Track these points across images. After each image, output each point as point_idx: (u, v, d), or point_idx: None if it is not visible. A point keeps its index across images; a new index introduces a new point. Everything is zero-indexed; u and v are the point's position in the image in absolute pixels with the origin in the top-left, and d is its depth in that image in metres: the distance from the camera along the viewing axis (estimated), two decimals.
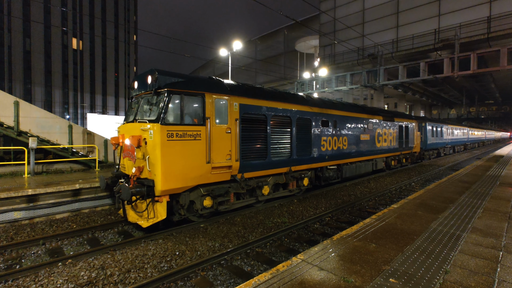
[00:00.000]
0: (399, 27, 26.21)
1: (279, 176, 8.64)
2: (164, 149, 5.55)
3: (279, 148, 8.30)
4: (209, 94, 6.43)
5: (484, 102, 53.03)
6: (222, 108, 6.72)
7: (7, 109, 10.49)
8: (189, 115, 6.18)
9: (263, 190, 8.20)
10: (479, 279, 3.32)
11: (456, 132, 30.01)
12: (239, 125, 7.04)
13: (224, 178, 6.81)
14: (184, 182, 5.95)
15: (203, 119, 6.29)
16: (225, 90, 6.85)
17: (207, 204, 6.72)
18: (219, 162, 6.55)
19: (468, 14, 21.89)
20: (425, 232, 4.84)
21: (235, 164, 6.92)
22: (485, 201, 7.01)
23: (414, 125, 18.11)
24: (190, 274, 4.60)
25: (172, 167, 5.68)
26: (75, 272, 4.51)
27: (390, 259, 3.82)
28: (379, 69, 22.26)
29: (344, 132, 11.19)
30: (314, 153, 9.60)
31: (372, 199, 9.86)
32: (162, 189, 5.58)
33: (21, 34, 47.16)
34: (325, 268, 3.53)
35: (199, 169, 6.16)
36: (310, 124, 9.49)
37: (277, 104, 8.26)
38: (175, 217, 6.50)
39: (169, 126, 5.66)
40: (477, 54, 17.71)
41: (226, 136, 6.72)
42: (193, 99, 6.22)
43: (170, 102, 5.85)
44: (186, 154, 5.89)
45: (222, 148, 6.62)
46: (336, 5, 31.64)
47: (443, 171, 16.80)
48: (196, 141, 6.08)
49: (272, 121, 8.06)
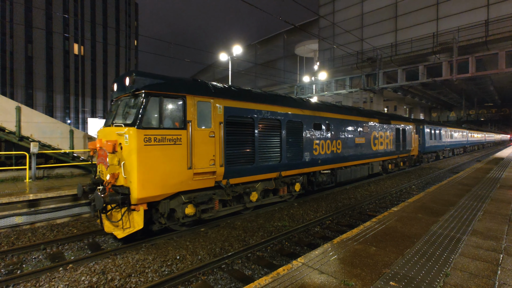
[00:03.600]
0: (397, 31, 26.38)
1: (268, 182, 8.32)
2: (140, 155, 5.25)
3: (268, 153, 8.00)
4: (191, 96, 6.14)
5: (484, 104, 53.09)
6: (205, 111, 6.41)
7: (9, 114, 10.56)
8: (169, 119, 5.87)
9: (251, 197, 7.86)
10: (479, 282, 3.33)
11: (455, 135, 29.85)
12: (224, 129, 6.74)
13: (208, 185, 6.49)
14: (163, 190, 5.64)
15: (184, 122, 5.97)
16: (209, 92, 6.56)
17: (189, 212, 6.36)
18: (201, 167, 6.22)
19: (466, 18, 22.05)
20: (426, 235, 4.85)
21: (220, 169, 6.61)
22: (485, 204, 7.02)
23: (411, 128, 17.89)
24: (191, 278, 4.60)
25: (149, 174, 5.38)
26: (76, 277, 4.52)
27: (391, 262, 3.83)
28: (378, 73, 22.37)
29: (338, 135, 10.90)
30: (305, 158, 9.30)
31: (372, 202, 9.86)
32: (139, 197, 5.26)
33: (23, 40, 47.55)
34: (325, 272, 3.54)
35: (179, 176, 5.84)
36: (301, 127, 9.18)
37: (265, 107, 7.96)
38: (155, 226, 6.17)
39: (146, 130, 5.38)
40: (476, 57, 17.80)
41: (210, 140, 6.41)
42: (173, 102, 5.92)
43: (148, 105, 5.56)
44: (165, 159, 5.58)
45: (205, 153, 6.30)
46: (335, 9, 31.89)
47: (443, 174, 16.79)
48: (177, 145, 5.78)
49: (259, 124, 7.76)
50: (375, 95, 26.27)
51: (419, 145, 19.96)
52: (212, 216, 6.87)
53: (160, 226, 6.18)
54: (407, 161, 17.80)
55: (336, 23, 30.23)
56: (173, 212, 6.27)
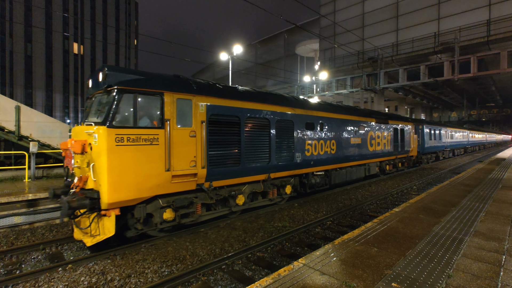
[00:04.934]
0: (399, 30, 26.32)
1: (256, 184, 7.93)
2: (111, 156, 4.89)
3: (256, 154, 7.61)
4: (170, 93, 5.78)
5: (485, 104, 53.02)
6: (186, 109, 6.05)
7: (8, 114, 10.54)
8: (144, 117, 5.53)
9: (238, 200, 7.49)
10: (482, 283, 3.29)
11: (456, 135, 29.58)
12: (206, 128, 6.37)
13: (188, 188, 6.14)
14: (138, 193, 5.28)
15: (162, 121, 5.62)
16: (190, 89, 6.20)
17: (168, 217, 6.02)
18: (181, 169, 5.85)
19: (468, 17, 21.98)
20: (427, 236, 4.81)
21: (201, 171, 6.23)
22: (487, 205, 6.98)
23: (410, 128, 17.57)
24: (191, 279, 4.57)
25: (121, 176, 5.02)
26: (75, 278, 4.49)
27: (392, 263, 3.79)
28: (379, 73, 22.31)
29: (332, 135, 10.50)
30: (297, 158, 8.90)
31: (373, 202, 9.83)
32: (109, 201, 4.91)
33: (22, 39, 47.55)
34: (326, 273, 3.51)
35: (156, 178, 5.48)
36: (292, 127, 8.78)
37: (252, 105, 7.58)
38: (130, 232, 5.76)
39: (118, 129, 5.03)
40: (477, 57, 17.73)
41: (190, 141, 6.05)
42: (150, 99, 5.56)
43: (121, 102, 5.20)
44: (140, 161, 5.23)
45: (185, 154, 5.94)
46: (336, 9, 31.83)
47: (444, 175, 16.74)
48: (153, 146, 5.42)
49: (246, 123, 7.39)
50: (376, 95, 26.22)
51: (418, 146, 19.70)
52: (195, 221, 6.55)
53: (136, 232, 5.80)
54: (405, 162, 17.52)
55: (337, 22, 30.17)
56: (151, 217, 5.92)
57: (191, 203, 6.33)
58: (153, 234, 6.10)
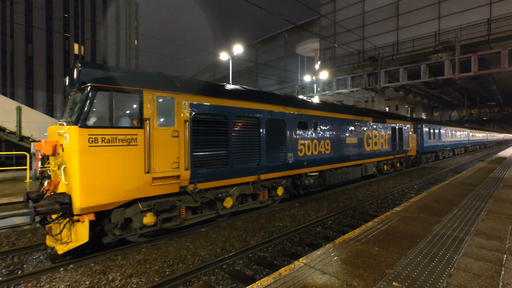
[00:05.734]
0: (399, 29, 26.29)
1: (245, 186, 7.63)
2: (84, 157, 4.61)
3: (244, 154, 7.30)
4: (149, 91, 5.51)
5: (486, 103, 52.96)
6: (167, 107, 5.76)
7: (10, 115, 10.57)
8: (121, 116, 5.25)
9: (225, 203, 7.18)
10: (483, 282, 3.29)
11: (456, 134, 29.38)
12: (190, 128, 6.08)
13: (171, 190, 5.85)
14: (115, 197, 5.01)
15: (141, 120, 5.34)
16: (172, 87, 5.91)
17: (149, 221, 5.71)
18: (162, 171, 5.57)
19: (468, 16, 21.94)
20: (428, 235, 4.81)
21: (185, 173, 5.95)
22: (488, 204, 6.97)
23: (409, 127, 17.26)
24: (192, 279, 4.58)
25: (95, 179, 4.74)
26: (76, 278, 4.50)
27: (393, 262, 3.79)
28: (380, 72, 22.29)
29: (326, 135, 10.20)
30: (289, 159, 8.59)
31: (374, 202, 9.82)
32: (82, 206, 4.63)
33: (23, 40, 47.63)
34: (327, 272, 3.51)
35: (135, 181, 5.20)
36: (284, 126, 8.48)
37: (241, 104, 7.27)
38: (107, 238, 5.49)
39: (91, 129, 4.74)
40: (478, 56, 17.70)
41: (172, 141, 5.75)
42: (127, 97, 5.28)
43: (95, 100, 4.92)
44: (116, 162, 4.96)
45: (167, 155, 5.65)
46: (336, 8, 31.81)
47: (445, 174, 16.72)
48: (131, 147, 5.14)
49: (234, 123, 7.08)
50: (376, 94, 26.20)
51: (417, 145, 19.47)
52: (179, 225, 6.30)
53: (114, 238, 5.52)
54: (404, 161, 17.27)
55: (337, 22, 30.16)
56: (130, 221, 5.64)
57: (173, 206, 6.05)
58: (133, 239, 5.80)
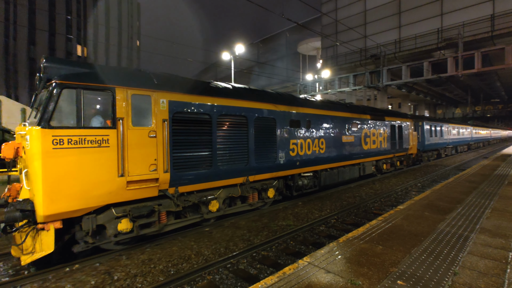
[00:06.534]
0: (401, 27, 26.15)
1: (232, 188, 7.25)
2: (47, 161, 4.27)
3: (231, 155, 6.93)
4: (123, 88, 5.16)
5: (490, 100, 52.56)
6: (143, 106, 5.44)
7: (14, 117, 10.67)
8: (91, 116, 4.91)
9: (211, 206, 6.80)
10: (488, 281, 3.28)
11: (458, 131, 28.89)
12: (169, 128, 5.74)
13: (149, 194, 5.51)
14: (83, 203, 4.66)
15: (113, 120, 5.01)
16: (148, 84, 5.57)
17: (124, 228, 5.34)
18: (138, 174, 5.23)
19: (471, 13, 21.77)
20: (433, 234, 4.79)
21: (164, 176, 5.62)
22: (493, 201, 6.92)
23: (409, 125, 16.74)
24: (196, 278, 4.60)
25: (61, 184, 4.41)
26: (82, 278, 4.54)
27: (398, 261, 3.78)
28: (382, 70, 22.19)
29: (320, 133, 9.81)
30: (280, 159, 8.24)
31: (377, 200, 9.79)
32: (46, 213, 4.29)
33: (26, 42, 47.96)
34: (331, 271, 3.51)
35: (107, 185, 4.87)
36: (274, 125, 8.13)
37: (226, 102, 6.89)
38: (78, 246, 5.08)
39: (56, 130, 4.40)
40: (481, 52, 17.55)
41: (149, 142, 5.42)
42: (97, 95, 4.96)
43: (61, 99, 4.58)
44: (85, 166, 4.63)
45: (143, 157, 5.31)
46: (338, 6, 31.70)
47: (449, 171, 16.63)
48: (102, 148, 4.82)
49: (219, 122, 6.71)
50: (379, 92, 26.10)
51: (418, 143, 19.05)
52: (159, 231, 5.93)
53: (86, 246, 5.14)
54: (404, 160, 16.77)
55: (339, 20, 30.05)
56: (104, 228, 5.30)
57: (152, 211, 5.68)
58: (107, 247, 5.47)
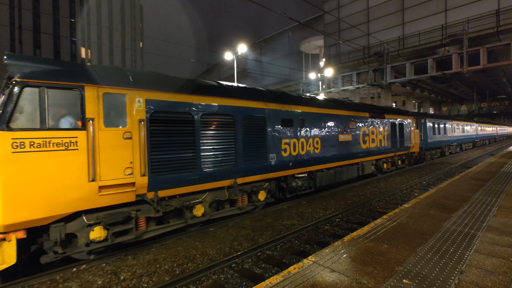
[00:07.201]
0: (405, 24, 25.92)
1: (219, 191, 6.89)
2: (5, 166, 4.00)
3: (216, 156, 6.58)
4: (93, 86, 4.84)
5: (496, 97, 51.82)
6: (117, 105, 5.11)
7: None
8: (57, 116, 4.56)
9: (195, 211, 6.43)
10: (495, 279, 3.24)
11: (463, 128, 28.33)
12: (147, 128, 5.42)
13: (125, 200, 5.18)
14: (50, 211, 4.36)
15: (83, 121, 4.70)
16: (123, 82, 5.23)
17: (97, 236, 5.01)
18: (112, 178, 4.92)
19: (476, 8, 21.49)
20: (439, 232, 4.76)
21: (141, 180, 5.30)
22: (500, 199, 6.85)
23: (410, 122, 16.26)
24: (202, 278, 4.62)
25: (23, 191, 4.13)
26: (89, 278, 4.59)
27: (403, 259, 3.76)
28: (386, 67, 22.03)
29: (315, 132, 9.44)
30: (271, 160, 7.89)
31: (382, 199, 9.74)
32: (6, 222, 4.04)
33: (31, 46, 48.55)
34: (337, 270, 3.51)
35: (77, 191, 4.57)
36: (264, 124, 7.79)
37: (210, 100, 6.52)
38: (46, 257, 4.74)
39: (16, 132, 4.11)
40: (487, 48, 17.32)
41: (124, 144, 5.11)
42: (64, 94, 4.61)
43: (22, 98, 4.27)
44: (51, 170, 4.33)
45: (117, 160, 5.01)
46: (340, 4, 31.51)
47: (454, 169, 16.47)
48: (70, 151, 4.51)
49: (203, 121, 6.36)
50: (383, 90, 25.92)
51: (421, 141, 18.53)
52: (137, 239, 5.60)
53: (55, 256, 4.80)
54: (406, 159, 16.23)
55: (341, 18, 29.91)
56: (75, 237, 4.99)
57: (128, 218, 5.37)
58: (80, 257, 5.16)
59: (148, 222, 5.88)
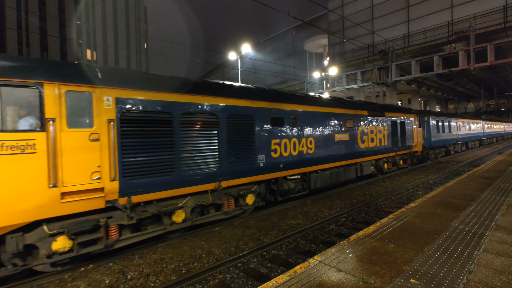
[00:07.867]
0: (410, 21, 25.66)
1: (202, 196, 6.45)
2: None
3: (197, 158, 6.16)
4: (54, 84, 4.44)
5: (504, 94, 50.99)
6: (82, 104, 4.71)
7: None
8: (11, 117, 4.23)
9: (175, 217, 5.98)
10: (505, 279, 3.20)
11: (468, 127, 27.60)
12: (117, 129, 5.02)
13: (94, 207, 4.79)
14: (4, 220, 4.00)
15: (42, 121, 4.32)
16: (88, 79, 4.82)
17: (61, 247, 4.57)
18: (76, 184, 4.54)
19: (483, 4, 21.18)
20: (446, 231, 4.71)
21: (111, 185, 4.90)
22: (509, 197, 6.75)
23: (413, 120, 15.73)
24: (208, 277, 4.65)
25: None
26: (96, 277, 4.65)
27: (410, 259, 3.74)
28: (391, 65, 21.83)
29: (309, 132, 8.97)
30: (259, 162, 7.46)
31: (388, 198, 9.66)
32: None
33: (38, 48, 49.23)
34: (343, 269, 3.49)
35: (35, 198, 4.19)
36: (252, 124, 7.35)
37: (191, 98, 6.12)
38: (5, 270, 4.37)
39: None
40: (494, 45, 17.04)
41: (91, 146, 4.72)
42: (19, 92, 4.24)
43: None
44: (4, 176, 3.98)
45: (83, 164, 4.62)
46: (344, 2, 31.33)
47: (462, 168, 16.27)
48: (27, 155, 4.13)
49: (182, 121, 5.93)
50: (388, 88, 25.71)
51: (424, 140, 18.03)
52: (107, 249, 5.17)
53: (14, 269, 4.42)
54: (408, 158, 15.68)
55: (345, 16, 29.72)
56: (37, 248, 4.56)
57: (96, 226, 4.94)
58: (43, 269, 4.75)
59: (123, 229, 5.48)
